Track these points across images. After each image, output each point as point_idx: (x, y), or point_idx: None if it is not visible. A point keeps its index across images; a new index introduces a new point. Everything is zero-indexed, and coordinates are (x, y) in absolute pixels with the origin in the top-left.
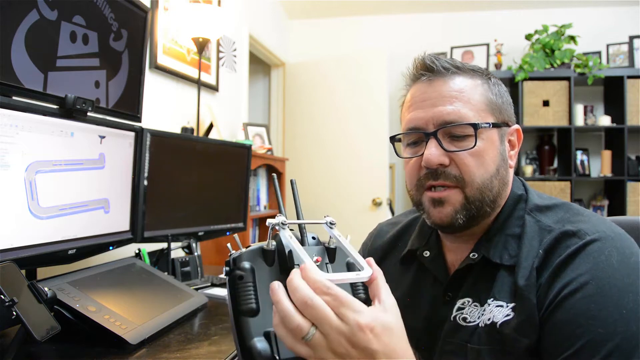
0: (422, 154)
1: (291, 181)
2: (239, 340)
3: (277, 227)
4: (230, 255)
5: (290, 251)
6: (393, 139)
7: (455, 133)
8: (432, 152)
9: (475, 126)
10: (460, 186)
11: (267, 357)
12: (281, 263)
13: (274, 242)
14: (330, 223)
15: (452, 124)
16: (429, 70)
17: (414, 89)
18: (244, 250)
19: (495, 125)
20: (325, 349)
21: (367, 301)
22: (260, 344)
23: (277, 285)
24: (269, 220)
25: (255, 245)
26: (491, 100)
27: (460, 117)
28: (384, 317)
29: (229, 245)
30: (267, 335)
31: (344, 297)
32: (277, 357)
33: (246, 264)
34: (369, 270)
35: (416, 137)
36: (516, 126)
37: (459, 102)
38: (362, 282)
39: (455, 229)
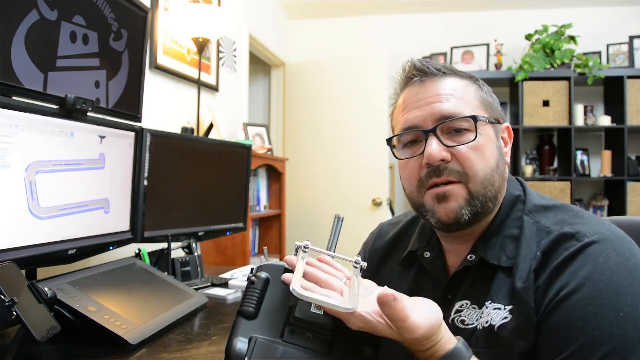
0: (422, 153)
1: (337, 216)
2: (229, 334)
3: (300, 250)
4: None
5: None
6: (390, 142)
7: (454, 127)
8: (434, 147)
9: (474, 118)
10: (464, 181)
11: (240, 356)
12: None
13: None
14: (356, 262)
15: (452, 118)
16: (421, 71)
17: (405, 92)
18: (268, 262)
19: (490, 121)
20: None
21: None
22: (240, 343)
23: None
24: (296, 242)
25: (281, 262)
26: (483, 98)
27: (458, 112)
28: None
29: (265, 249)
30: (250, 340)
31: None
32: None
33: (263, 274)
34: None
35: (413, 136)
36: (506, 124)
37: (455, 99)
38: None
39: (460, 226)
